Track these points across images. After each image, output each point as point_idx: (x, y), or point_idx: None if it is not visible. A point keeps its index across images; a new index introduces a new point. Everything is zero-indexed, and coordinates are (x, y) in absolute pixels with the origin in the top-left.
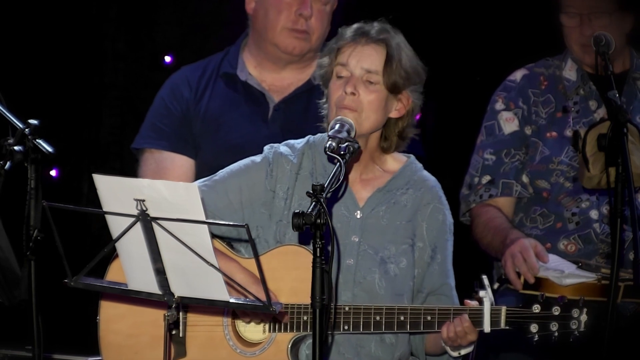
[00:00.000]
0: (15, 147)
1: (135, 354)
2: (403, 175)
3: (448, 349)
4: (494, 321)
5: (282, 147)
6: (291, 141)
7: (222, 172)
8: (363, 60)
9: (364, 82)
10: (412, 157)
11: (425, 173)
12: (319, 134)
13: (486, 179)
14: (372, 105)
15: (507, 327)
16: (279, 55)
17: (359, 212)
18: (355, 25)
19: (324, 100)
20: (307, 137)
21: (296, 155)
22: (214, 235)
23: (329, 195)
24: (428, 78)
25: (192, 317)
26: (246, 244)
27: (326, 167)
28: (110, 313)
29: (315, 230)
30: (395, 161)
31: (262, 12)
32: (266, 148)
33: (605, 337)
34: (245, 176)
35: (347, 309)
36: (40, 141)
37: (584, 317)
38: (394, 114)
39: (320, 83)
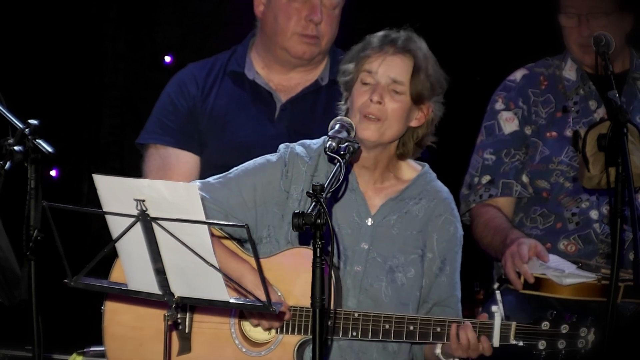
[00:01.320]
0: (15, 147)
1: (139, 346)
2: (417, 185)
3: (442, 357)
4: (504, 336)
5: (298, 148)
6: (307, 141)
7: (236, 170)
8: (390, 69)
9: (390, 91)
10: (427, 166)
11: (439, 183)
12: None
13: (486, 178)
14: (395, 114)
15: (516, 343)
16: (288, 59)
17: (370, 219)
18: (381, 33)
19: (343, 102)
20: (322, 138)
21: (312, 156)
22: (229, 236)
23: (328, 195)
24: None
25: (198, 314)
26: (257, 243)
27: None
28: (115, 304)
29: (315, 230)
30: (410, 169)
31: (271, 17)
32: (282, 147)
33: (605, 337)
34: (260, 175)
35: (356, 315)
36: (40, 141)
37: (591, 337)
38: (413, 123)
39: (342, 86)
